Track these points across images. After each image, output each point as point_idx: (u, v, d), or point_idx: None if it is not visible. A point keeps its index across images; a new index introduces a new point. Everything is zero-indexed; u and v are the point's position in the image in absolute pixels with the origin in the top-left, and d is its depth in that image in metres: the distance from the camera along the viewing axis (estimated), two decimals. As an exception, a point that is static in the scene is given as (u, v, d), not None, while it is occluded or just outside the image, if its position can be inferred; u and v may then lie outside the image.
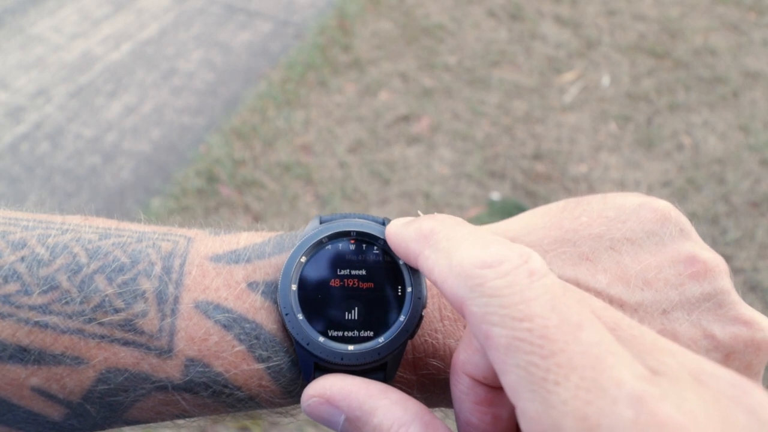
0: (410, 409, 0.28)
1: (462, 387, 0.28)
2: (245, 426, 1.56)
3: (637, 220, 0.35)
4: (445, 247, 0.28)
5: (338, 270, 0.34)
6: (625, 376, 0.21)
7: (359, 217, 0.35)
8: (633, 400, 0.20)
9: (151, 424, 0.36)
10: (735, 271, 1.95)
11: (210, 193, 2.14)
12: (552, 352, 0.22)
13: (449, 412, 0.37)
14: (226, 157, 2.24)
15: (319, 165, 2.24)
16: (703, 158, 2.31)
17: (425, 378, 0.35)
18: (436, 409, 0.37)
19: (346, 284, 0.33)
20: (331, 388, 0.30)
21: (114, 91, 2.53)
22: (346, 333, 0.32)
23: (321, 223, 0.35)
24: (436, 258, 0.27)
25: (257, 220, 2.05)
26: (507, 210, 2.12)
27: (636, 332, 0.24)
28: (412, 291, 0.33)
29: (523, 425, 0.22)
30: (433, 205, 2.11)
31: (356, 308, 0.33)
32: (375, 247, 0.34)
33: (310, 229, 0.35)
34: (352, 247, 0.34)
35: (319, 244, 0.34)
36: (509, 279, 0.24)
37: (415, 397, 0.35)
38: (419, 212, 0.34)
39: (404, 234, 0.31)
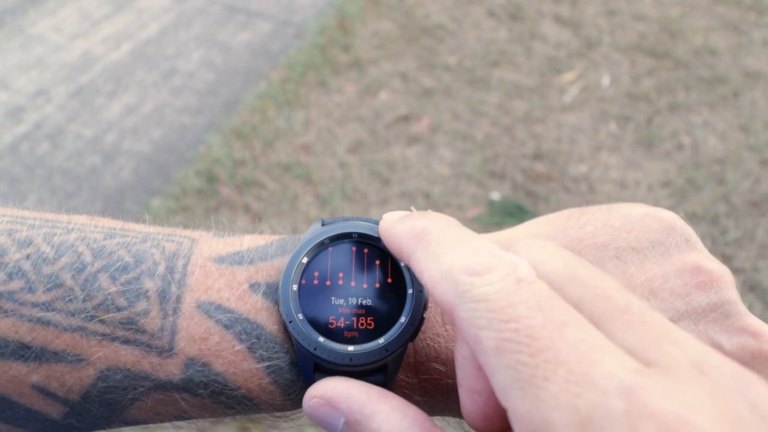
0: (409, 416, 0.28)
1: (464, 352, 0.28)
2: (245, 426, 1.56)
3: (642, 230, 0.35)
4: (434, 251, 0.28)
5: (339, 271, 0.34)
6: (614, 368, 0.21)
7: (361, 220, 0.35)
8: (624, 392, 0.20)
9: (152, 426, 0.36)
10: (735, 271, 1.95)
11: (210, 193, 2.14)
12: (539, 350, 0.22)
13: (451, 420, 0.37)
14: (226, 157, 2.24)
15: (319, 165, 2.24)
16: (703, 158, 2.31)
17: (427, 382, 0.34)
18: (438, 417, 0.37)
19: (347, 285, 0.34)
20: (333, 390, 0.30)
21: (114, 91, 2.53)
22: (346, 333, 0.32)
23: (323, 225, 0.35)
24: (427, 261, 0.28)
25: (257, 220, 2.05)
26: (507, 210, 2.12)
27: (647, 317, 0.24)
28: (413, 293, 0.33)
29: (515, 426, 0.22)
30: (433, 205, 2.11)
31: (357, 309, 0.33)
32: (376, 249, 0.34)
33: (312, 231, 0.35)
34: (354, 248, 0.34)
35: (321, 246, 0.34)
36: (496, 287, 0.24)
37: (417, 402, 0.35)
38: (413, 208, 0.33)
39: (397, 231, 0.31)
